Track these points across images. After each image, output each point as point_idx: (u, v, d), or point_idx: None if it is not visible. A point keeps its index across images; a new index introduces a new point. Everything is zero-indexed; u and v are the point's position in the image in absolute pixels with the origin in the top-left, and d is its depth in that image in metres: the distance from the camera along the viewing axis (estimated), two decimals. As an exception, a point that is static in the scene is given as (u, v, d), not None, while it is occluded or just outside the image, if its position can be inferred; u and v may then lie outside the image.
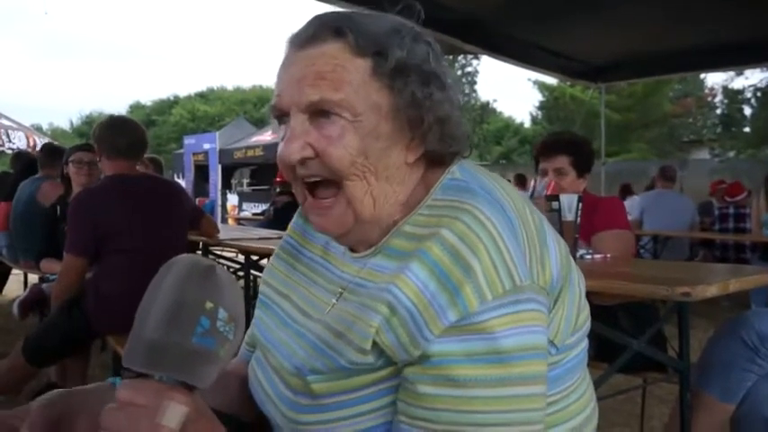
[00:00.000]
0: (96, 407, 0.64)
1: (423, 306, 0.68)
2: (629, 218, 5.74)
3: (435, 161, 0.82)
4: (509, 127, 33.47)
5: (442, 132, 0.79)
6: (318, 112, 0.75)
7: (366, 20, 0.78)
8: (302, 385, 0.77)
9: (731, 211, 5.84)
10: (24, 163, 4.67)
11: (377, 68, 0.75)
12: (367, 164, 0.76)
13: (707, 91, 24.30)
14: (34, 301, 3.31)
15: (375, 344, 0.71)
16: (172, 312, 0.57)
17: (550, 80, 20.35)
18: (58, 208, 3.42)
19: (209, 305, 0.58)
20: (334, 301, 0.82)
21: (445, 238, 0.70)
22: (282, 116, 0.78)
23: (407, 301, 0.69)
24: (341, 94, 0.74)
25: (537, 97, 27.58)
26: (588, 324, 0.84)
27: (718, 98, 23.80)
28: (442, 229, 0.71)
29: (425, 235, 0.73)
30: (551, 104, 24.81)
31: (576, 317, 0.79)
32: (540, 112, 27.30)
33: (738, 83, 22.09)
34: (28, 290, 3.44)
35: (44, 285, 3.31)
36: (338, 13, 0.79)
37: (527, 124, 31.81)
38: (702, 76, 21.72)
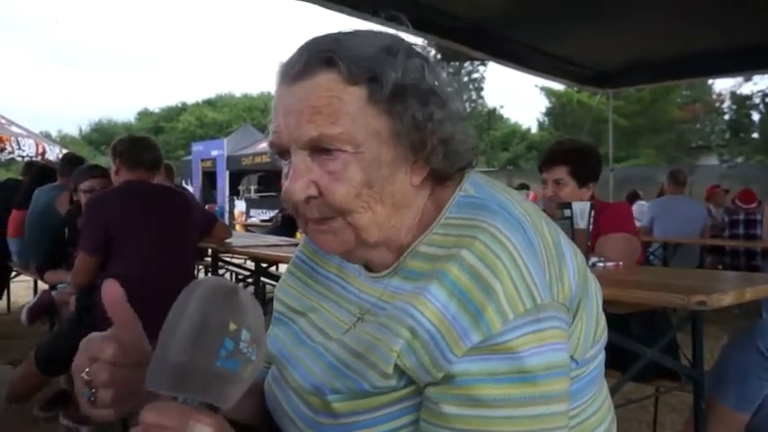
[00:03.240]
0: None
1: (444, 329, 0.67)
2: (639, 224, 5.75)
3: (441, 178, 0.80)
4: (516, 133, 33.47)
5: (446, 151, 0.77)
6: (319, 148, 0.73)
7: (355, 42, 0.75)
8: (322, 404, 0.76)
9: (741, 217, 5.79)
10: (37, 171, 4.71)
11: (373, 95, 0.73)
12: (372, 193, 0.74)
13: (715, 96, 24.22)
14: (43, 307, 3.33)
15: (396, 366, 0.70)
16: (196, 334, 0.57)
17: (557, 86, 20.31)
18: (66, 229, 3.43)
19: (232, 327, 0.58)
20: (353, 321, 0.81)
21: (464, 259, 0.69)
22: (283, 152, 0.77)
23: (428, 324, 0.68)
24: (339, 127, 0.72)
25: (544, 103, 27.55)
26: (605, 335, 0.83)
27: (727, 104, 23.72)
28: (461, 249, 0.70)
29: (442, 255, 0.72)
30: (558, 110, 24.80)
31: (594, 329, 0.79)
32: (546, 118, 27.30)
33: (747, 88, 21.96)
34: (37, 296, 3.46)
35: (54, 292, 3.32)
36: (326, 39, 0.76)
37: (534, 130, 31.82)
38: (710, 81, 21.58)
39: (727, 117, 23.99)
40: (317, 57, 0.74)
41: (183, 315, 0.58)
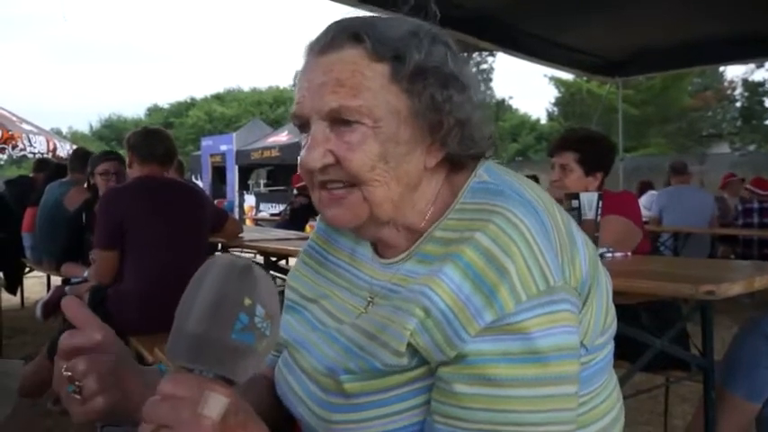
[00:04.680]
0: (150, 380, 0.68)
1: (458, 308, 0.68)
2: (648, 213, 5.71)
3: (457, 164, 0.82)
4: (525, 124, 33.27)
5: (462, 135, 0.78)
6: (338, 120, 0.75)
7: (383, 24, 0.78)
8: (335, 385, 0.78)
9: (755, 205, 5.73)
10: (53, 170, 4.80)
11: (395, 73, 0.75)
12: (388, 168, 0.76)
13: (726, 84, 23.94)
14: (57, 302, 3.36)
15: (409, 345, 0.71)
16: (212, 308, 0.59)
17: (567, 76, 20.15)
18: (84, 215, 3.46)
19: (247, 302, 0.60)
20: (364, 305, 0.83)
21: (478, 242, 0.70)
22: (304, 123, 0.79)
23: (442, 303, 0.69)
24: (360, 100, 0.74)
25: (553, 93, 27.38)
26: (615, 325, 0.84)
27: (738, 91, 23.43)
28: (475, 232, 0.71)
29: (457, 239, 0.73)
30: (568, 100, 24.60)
31: (604, 317, 0.79)
32: (556, 109, 27.10)
33: (759, 75, 21.71)
34: (51, 291, 3.50)
35: (67, 288, 3.35)
36: (356, 18, 0.79)
37: (543, 121, 31.58)
38: (722, 68, 21.32)
39: (738, 104, 23.71)
40: (344, 32, 0.76)
41: (200, 289, 0.60)
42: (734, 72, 23.06)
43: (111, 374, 0.73)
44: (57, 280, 3.94)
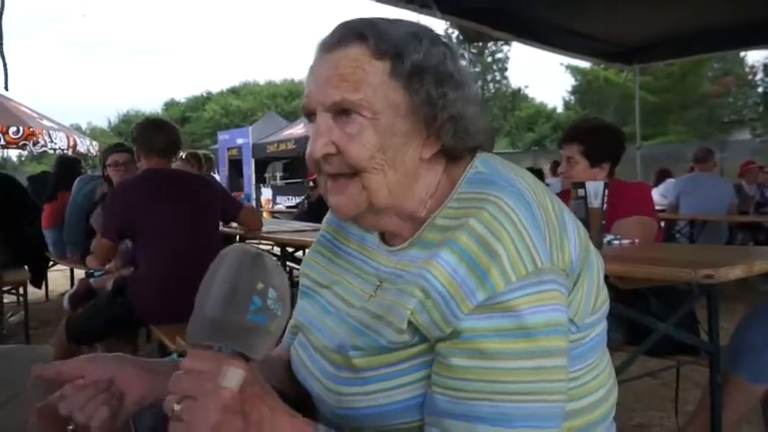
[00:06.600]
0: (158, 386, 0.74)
1: (454, 289, 0.75)
2: (666, 201, 5.67)
3: (454, 157, 0.87)
4: (541, 113, 32.96)
5: (455, 129, 0.84)
6: (341, 111, 0.82)
7: (387, 25, 0.84)
8: (344, 360, 0.85)
9: (778, 192, 5.66)
10: (60, 164, 4.94)
11: (395, 70, 0.81)
12: (385, 158, 0.82)
13: (748, 69, 23.53)
14: (83, 294, 3.47)
15: (410, 323, 0.78)
16: (229, 294, 0.66)
17: (583, 63, 19.95)
18: (101, 206, 3.57)
19: (260, 286, 0.66)
20: (373, 290, 0.90)
21: (472, 228, 0.76)
22: (311, 114, 0.86)
23: (439, 285, 0.75)
24: (360, 94, 0.80)
25: (569, 81, 27.11)
26: (607, 306, 0.89)
27: (760, 76, 23.06)
28: (469, 219, 0.78)
29: (455, 226, 0.79)
30: (584, 88, 24.39)
31: (594, 297, 0.85)
32: (573, 97, 26.86)
33: (781, 60, 21.28)
34: (77, 284, 3.60)
35: (91, 280, 3.45)
36: (362, 19, 0.86)
37: (560, 110, 31.30)
38: (743, 53, 21.00)
39: (760, 90, 23.31)
40: (350, 31, 0.83)
41: (216, 278, 0.67)
42: (755, 57, 22.68)
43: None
44: (80, 273, 4.05)
